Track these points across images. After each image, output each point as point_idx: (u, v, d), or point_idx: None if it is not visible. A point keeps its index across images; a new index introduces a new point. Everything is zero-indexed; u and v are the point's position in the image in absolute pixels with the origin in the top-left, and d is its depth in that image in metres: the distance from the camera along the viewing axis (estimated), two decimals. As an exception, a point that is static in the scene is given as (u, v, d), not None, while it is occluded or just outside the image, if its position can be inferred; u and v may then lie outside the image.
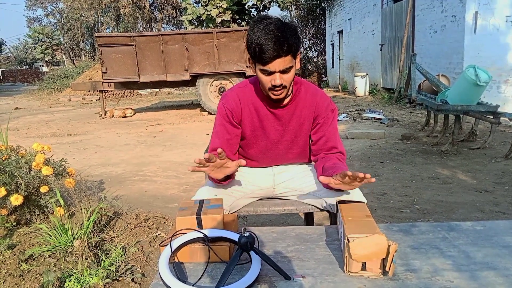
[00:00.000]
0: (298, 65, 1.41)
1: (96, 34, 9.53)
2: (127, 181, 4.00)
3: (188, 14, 18.65)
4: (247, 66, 8.76)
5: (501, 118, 4.51)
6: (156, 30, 29.83)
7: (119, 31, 27.75)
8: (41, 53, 41.99)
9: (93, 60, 24.27)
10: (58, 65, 39.81)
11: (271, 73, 1.35)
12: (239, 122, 1.53)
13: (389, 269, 0.95)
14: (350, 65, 14.86)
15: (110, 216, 2.57)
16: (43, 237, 2.14)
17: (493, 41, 7.12)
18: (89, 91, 14.14)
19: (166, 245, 1.07)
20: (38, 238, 2.17)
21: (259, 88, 1.49)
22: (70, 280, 1.82)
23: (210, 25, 17.67)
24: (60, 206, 2.21)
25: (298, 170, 1.65)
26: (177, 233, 1.10)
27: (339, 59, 16.44)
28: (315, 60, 21.13)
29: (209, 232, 1.09)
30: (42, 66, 45.75)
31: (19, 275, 1.90)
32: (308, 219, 2.05)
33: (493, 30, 7.12)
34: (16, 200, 2.15)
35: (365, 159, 4.51)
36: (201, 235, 1.08)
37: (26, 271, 1.94)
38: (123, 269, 1.99)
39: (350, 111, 8.53)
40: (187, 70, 8.93)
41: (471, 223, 1.26)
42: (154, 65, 8.92)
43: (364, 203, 1.29)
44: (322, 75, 19.04)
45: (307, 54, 21.19)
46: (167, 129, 7.52)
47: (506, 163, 4.08)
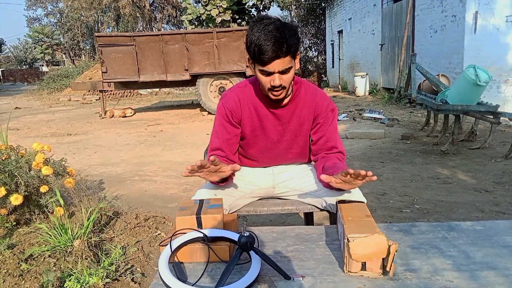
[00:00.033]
0: (298, 65, 1.41)
1: (96, 34, 9.53)
2: (127, 181, 4.00)
3: (188, 14, 18.65)
4: (247, 66, 8.76)
5: (501, 118, 4.51)
6: (156, 30, 29.83)
7: (119, 31, 27.75)
8: (41, 53, 41.99)
9: (93, 60, 24.29)
10: (58, 65, 39.82)
11: (270, 74, 1.35)
12: (239, 122, 1.53)
13: (389, 269, 0.95)
14: (350, 65, 14.86)
15: (110, 216, 2.57)
16: (43, 237, 2.14)
17: (493, 41, 7.12)
18: (89, 91, 14.14)
19: (166, 245, 1.07)
20: (38, 238, 2.17)
21: (259, 88, 1.49)
22: (70, 280, 1.82)
23: (210, 25, 17.67)
24: (60, 206, 2.21)
25: (298, 170, 1.65)
26: (177, 233, 1.10)
27: (339, 59, 16.44)
28: (315, 60, 21.13)
29: (209, 232, 1.09)
30: (42, 66, 45.77)
31: (19, 275, 1.90)
32: (308, 219, 2.05)
33: (493, 30, 7.12)
34: (16, 200, 2.15)
35: (365, 159, 4.51)
36: (201, 235, 1.08)
37: (26, 271, 1.94)
38: (123, 269, 1.99)
39: (350, 111, 8.53)
40: (187, 70, 8.93)
41: (471, 223, 1.26)
42: (154, 65, 8.92)
43: (364, 203, 1.29)
44: (322, 75, 19.05)
45: (307, 54, 21.19)
46: (167, 129, 7.52)
47: (506, 163, 4.08)
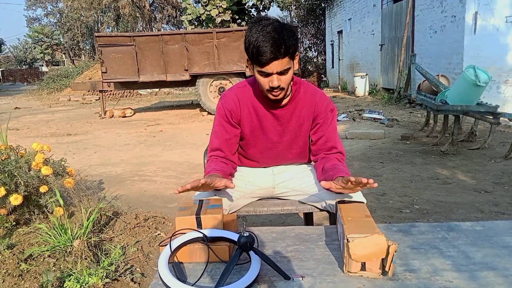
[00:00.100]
0: (297, 66, 1.41)
1: (96, 34, 9.53)
2: (127, 181, 4.00)
3: (188, 14, 18.64)
4: (247, 66, 8.75)
5: (501, 119, 4.51)
6: (156, 30, 29.83)
7: (119, 31, 27.73)
8: (41, 53, 41.98)
9: (93, 60, 24.26)
10: (58, 65, 39.79)
11: (269, 75, 1.35)
12: (238, 122, 1.53)
13: (389, 269, 0.95)
14: (350, 65, 14.86)
15: (110, 216, 2.57)
16: (43, 237, 2.14)
17: (493, 42, 7.13)
18: (89, 91, 14.14)
19: (166, 245, 1.07)
20: (38, 238, 2.17)
21: (258, 89, 1.49)
22: (70, 280, 1.82)
23: (210, 25, 17.66)
24: (60, 206, 2.20)
25: (298, 170, 1.65)
26: (177, 233, 1.10)
27: (339, 59, 16.45)
28: (315, 60, 21.13)
29: (209, 232, 1.09)
30: (42, 66, 45.77)
31: (19, 275, 1.90)
32: (308, 219, 2.05)
33: (493, 30, 7.13)
34: (16, 200, 2.15)
35: (365, 159, 4.51)
36: (201, 235, 1.08)
37: (26, 271, 1.94)
38: (123, 269, 1.99)
39: (350, 111, 8.53)
40: (187, 70, 8.93)
41: (471, 223, 1.26)
42: (154, 65, 8.92)
43: (364, 203, 1.29)
44: (322, 75, 19.05)
45: (307, 54, 21.20)
46: (167, 129, 7.52)
47: (506, 164, 4.08)
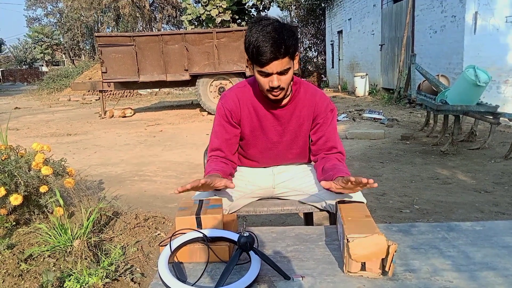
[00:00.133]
0: (297, 66, 1.41)
1: (96, 34, 9.53)
2: (127, 181, 4.00)
3: (188, 14, 18.64)
4: (247, 66, 8.76)
5: (501, 119, 4.51)
6: (156, 30, 29.82)
7: (119, 31, 27.73)
8: (41, 53, 41.97)
9: (93, 60, 24.26)
10: (58, 65, 39.78)
11: (269, 75, 1.35)
12: (238, 122, 1.53)
13: (389, 269, 0.95)
14: (350, 65, 14.86)
15: (110, 216, 2.57)
16: (43, 237, 2.14)
17: (493, 42, 7.12)
18: (89, 91, 14.14)
19: (166, 245, 1.07)
20: (38, 238, 2.17)
21: (258, 89, 1.49)
22: (70, 280, 1.82)
23: (210, 25, 17.66)
24: (60, 206, 2.20)
25: (298, 170, 1.65)
26: (177, 233, 1.10)
27: (339, 59, 16.44)
28: (315, 60, 21.13)
29: (209, 232, 1.09)
30: (42, 66, 45.76)
31: (19, 275, 1.90)
32: (308, 219, 2.05)
33: (493, 30, 7.13)
34: (16, 200, 2.15)
35: (365, 159, 4.51)
36: (201, 235, 1.08)
37: (26, 271, 1.94)
38: (123, 269, 1.99)
39: (350, 111, 8.53)
40: (187, 70, 8.93)
41: (471, 223, 1.26)
42: (154, 65, 8.92)
43: (364, 203, 1.29)
44: (322, 75, 19.05)
45: (307, 54, 21.20)
46: (167, 129, 7.52)
47: (506, 164, 4.08)
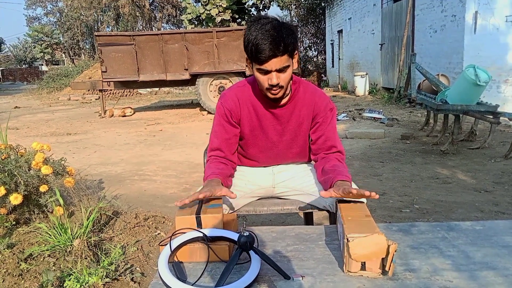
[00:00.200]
0: (296, 65, 1.41)
1: (96, 33, 9.52)
2: (127, 181, 4.00)
3: (188, 13, 18.64)
4: (246, 66, 8.75)
5: (501, 118, 4.51)
6: (156, 29, 29.79)
7: (119, 30, 27.71)
8: (41, 52, 41.94)
9: (93, 59, 24.23)
10: (58, 64, 39.76)
11: (268, 72, 1.36)
12: (238, 122, 1.53)
13: (389, 269, 0.95)
14: (350, 65, 14.85)
15: (110, 216, 2.57)
16: (43, 237, 2.14)
17: (493, 41, 7.12)
18: (89, 90, 14.15)
19: (166, 245, 1.07)
20: (38, 238, 2.17)
21: (258, 88, 1.49)
22: (70, 280, 1.82)
23: (210, 24, 17.66)
24: (60, 206, 2.20)
25: (298, 170, 1.65)
26: (177, 233, 1.10)
27: (339, 59, 16.44)
28: (315, 60, 21.14)
29: (209, 232, 1.09)
30: (42, 65, 45.74)
31: (19, 274, 1.90)
32: (308, 219, 2.05)
33: (493, 30, 7.13)
34: (16, 199, 2.14)
35: (365, 159, 4.51)
36: (201, 235, 1.07)
37: (26, 271, 1.94)
38: (123, 269, 1.99)
39: (350, 111, 8.53)
40: (187, 69, 8.93)
41: (471, 223, 1.26)
42: (154, 64, 8.92)
43: (364, 203, 1.29)
44: (322, 75, 19.05)
45: (307, 54, 21.20)
46: (167, 129, 7.52)
47: (506, 163, 4.08)
